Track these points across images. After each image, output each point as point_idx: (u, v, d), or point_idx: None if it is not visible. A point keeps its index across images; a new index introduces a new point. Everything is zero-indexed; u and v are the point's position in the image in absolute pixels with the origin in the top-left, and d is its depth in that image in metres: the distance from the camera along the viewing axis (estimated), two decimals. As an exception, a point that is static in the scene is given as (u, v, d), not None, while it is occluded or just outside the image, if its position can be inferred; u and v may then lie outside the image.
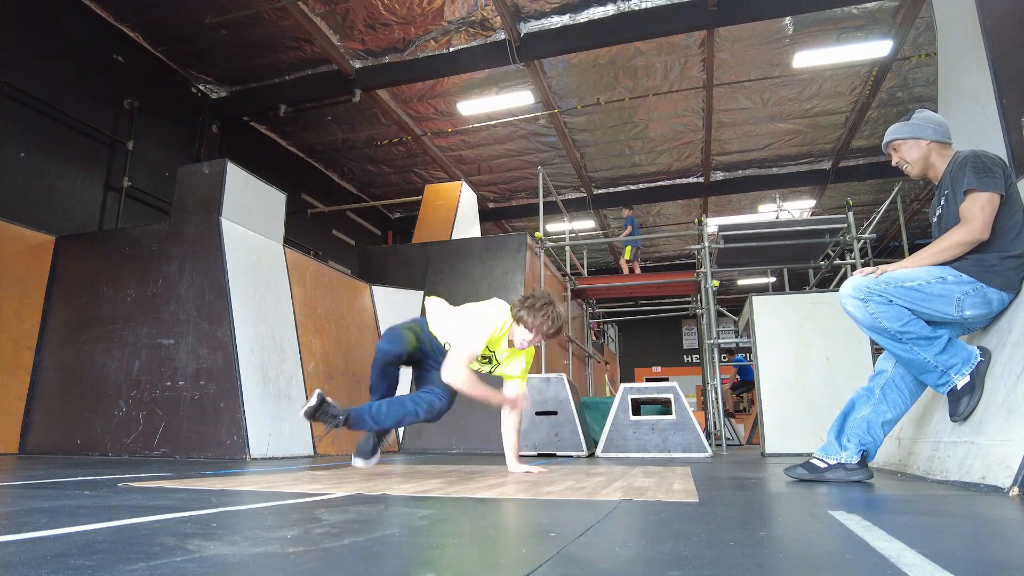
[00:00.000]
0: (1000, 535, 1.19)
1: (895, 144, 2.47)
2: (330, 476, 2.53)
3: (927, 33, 7.34)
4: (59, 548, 0.91)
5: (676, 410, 5.05)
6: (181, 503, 1.50)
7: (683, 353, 18.71)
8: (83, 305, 4.80)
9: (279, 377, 4.58)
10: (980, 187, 2.15)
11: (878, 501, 1.71)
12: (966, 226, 2.17)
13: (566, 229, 11.34)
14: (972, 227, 2.15)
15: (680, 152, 10.46)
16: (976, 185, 2.16)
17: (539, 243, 7.34)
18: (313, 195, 10.69)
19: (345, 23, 7.27)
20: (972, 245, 2.18)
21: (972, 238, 2.16)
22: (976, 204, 2.15)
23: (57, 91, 6.39)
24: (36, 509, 1.37)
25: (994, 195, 2.15)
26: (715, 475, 2.75)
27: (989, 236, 2.17)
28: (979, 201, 2.15)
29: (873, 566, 0.83)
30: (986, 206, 2.15)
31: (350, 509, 1.44)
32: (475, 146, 10.29)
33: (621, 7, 7.01)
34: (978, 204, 2.15)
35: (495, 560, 0.87)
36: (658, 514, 1.39)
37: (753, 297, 5.29)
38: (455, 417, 6.00)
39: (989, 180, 2.16)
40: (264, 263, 4.89)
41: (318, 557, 0.87)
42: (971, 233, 2.16)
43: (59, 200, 6.43)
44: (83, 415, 4.46)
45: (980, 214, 2.14)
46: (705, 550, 0.94)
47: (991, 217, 2.15)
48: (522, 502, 1.63)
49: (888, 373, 2.38)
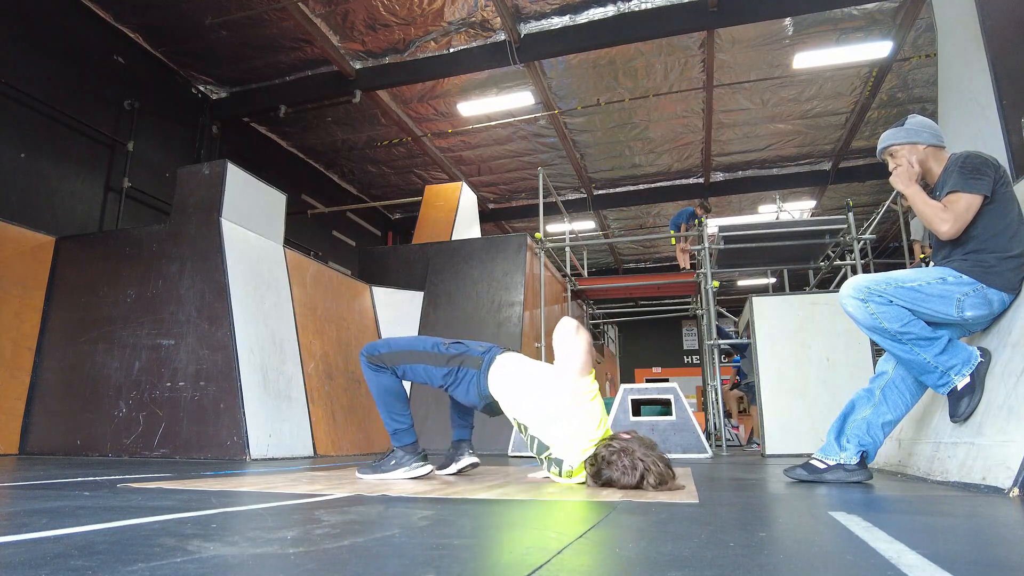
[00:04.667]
0: (1000, 536, 1.19)
1: (891, 150, 2.47)
2: (330, 477, 2.53)
3: (927, 34, 7.34)
4: (59, 549, 0.91)
5: (676, 411, 5.05)
6: (181, 504, 1.50)
7: (683, 354, 18.70)
8: (83, 306, 4.80)
9: (279, 378, 4.58)
10: (964, 188, 2.17)
11: (878, 502, 1.70)
12: (942, 214, 2.19)
13: (566, 230, 11.35)
14: (945, 217, 2.18)
15: (680, 153, 10.46)
16: (960, 187, 2.18)
17: (539, 244, 7.34)
18: (313, 196, 10.69)
19: (345, 24, 7.28)
20: (934, 230, 2.23)
21: (943, 228, 2.19)
22: (958, 203, 2.17)
23: (57, 92, 6.39)
24: (36, 510, 1.37)
25: (975, 197, 2.16)
26: (715, 476, 2.75)
27: (962, 236, 2.20)
28: (961, 201, 2.17)
29: (873, 567, 0.83)
30: (964, 211, 2.17)
31: (350, 510, 1.44)
32: (475, 147, 10.29)
33: (621, 8, 7.01)
34: (960, 204, 2.17)
35: (495, 561, 0.87)
36: (658, 515, 1.39)
37: (753, 298, 5.29)
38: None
39: (975, 182, 2.17)
40: (264, 264, 4.89)
41: (318, 558, 0.87)
42: (943, 223, 2.19)
43: (59, 201, 6.44)
44: (83, 416, 4.46)
45: (953, 212, 2.17)
46: (705, 551, 0.94)
47: (966, 220, 2.18)
48: (522, 503, 1.63)
49: (889, 375, 2.39)
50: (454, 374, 2.44)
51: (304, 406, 4.79)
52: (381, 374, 2.50)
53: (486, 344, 2.53)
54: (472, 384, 2.41)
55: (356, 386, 5.72)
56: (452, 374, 2.44)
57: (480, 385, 2.40)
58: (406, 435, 2.50)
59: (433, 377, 2.47)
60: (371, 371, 2.51)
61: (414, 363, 2.48)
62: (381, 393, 2.51)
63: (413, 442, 2.50)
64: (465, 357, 2.44)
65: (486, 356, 2.43)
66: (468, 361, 2.43)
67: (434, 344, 2.50)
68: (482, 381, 2.39)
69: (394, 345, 2.54)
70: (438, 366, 2.45)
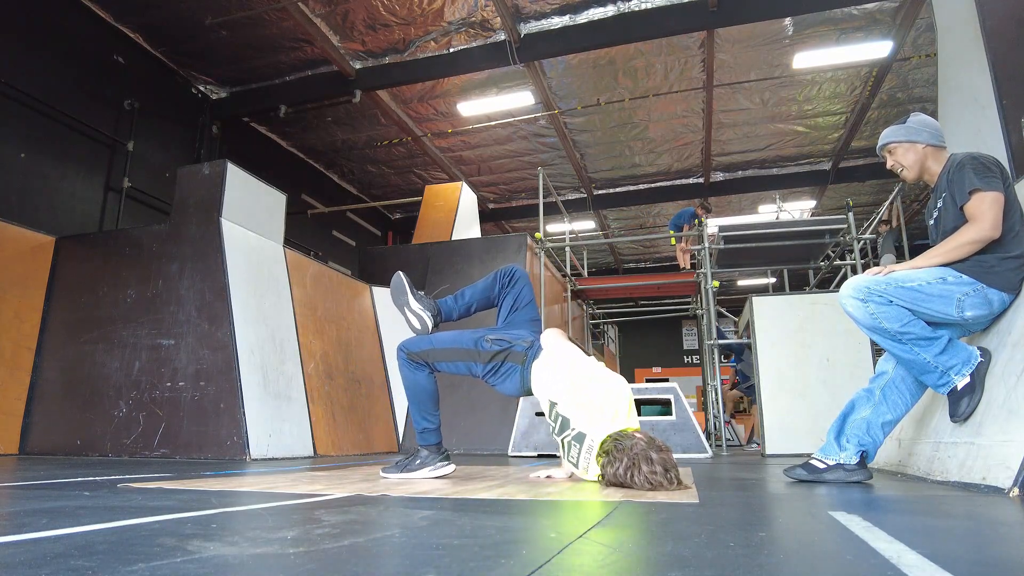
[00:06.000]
0: (1000, 536, 1.19)
1: (890, 147, 2.47)
2: (330, 477, 2.53)
3: (927, 34, 7.34)
4: (59, 549, 0.91)
5: (676, 411, 5.05)
6: (181, 504, 1.50)
7: (683, 354, 18.70)
8: (83, 306, 4.80)
9: (279, 378, 4.58)
10: (984, 187, 2.16)
11: (878, 502, 1.70)
12: (976, 224, 2.17)
13: (566, 230, 11.34)
14: (983, 225, 2.15)
15: (680, 153, 10.46)
16: (980, 185, 2.17)
17: (539, 244, 7.34)
18: (313, 196, 10.69)
19: (345, 24, 7.28)
20: (983, 243, 2.17)
21: (983, 236, 2.16)
22: (984, 203, 2.16)
23: (57, 91, 6.39)
24: (36, 510, 1.37)
25: (999, 194, 2.16)
26: (715, 476, 2.75)
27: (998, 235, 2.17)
28: (986, 200, 2.16)
29: (873, 567, 0.83)
30: (993, 205, 2.15)
31: (350, 510, 1.44)
32: (475, 147, 10.29)
33: (621, 8, 7.01)
34: (985, 203, 2.16)
35: (495, 561, 0.87)
36: (658, 515, 1.39)
37: (753, 298, 5.29)
38: (455, 417, 6.02)
39: (991, 180, 2.18)
40: (264, 264, 4.89)
41: (318, 558, 0.87)
42: (982, 231, 2.16)
43: (59, 201, 6.44)
44: (83, 416, 4.46)
45: (989, 212, 2.15)
46: (705, 551, 0.94)
47: (999, 215, 2.16)
48: (522, 503, 1.63)
49: (889, 375, 2.39)
50: (496, 369, 2.48)
51: (304, 406, 4.79)
52: (419, 372, 2.52)
53: (528, 338, 2.55)
54: (515, 378, 2.47)
55: (356, 386, 5.72)
56: (494, 369, 2.49)
57: (524, 379, 2.45)
58: (433, 435, 2.53)
59: (474, 370, 2.52)
60: (409, 367, 2.53)
61: (456, 360, 2.52)
62: (416, 391, 2.53)
63: (438, 442, 2.54)
64: (509, 352, 2.47)
65: (529, 352, 2.47)
66: (512, 356, 2.47)
67: (476, 341, 2.52)
68: (525, 375, 2.45)
69: (436, 342, 2.55)
70: (480, 363, 2.49)
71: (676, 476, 1.97)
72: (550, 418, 2.34)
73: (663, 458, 1.97)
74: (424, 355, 2.52)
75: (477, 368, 2.50)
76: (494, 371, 2.49)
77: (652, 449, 1.99)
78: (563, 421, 2.26)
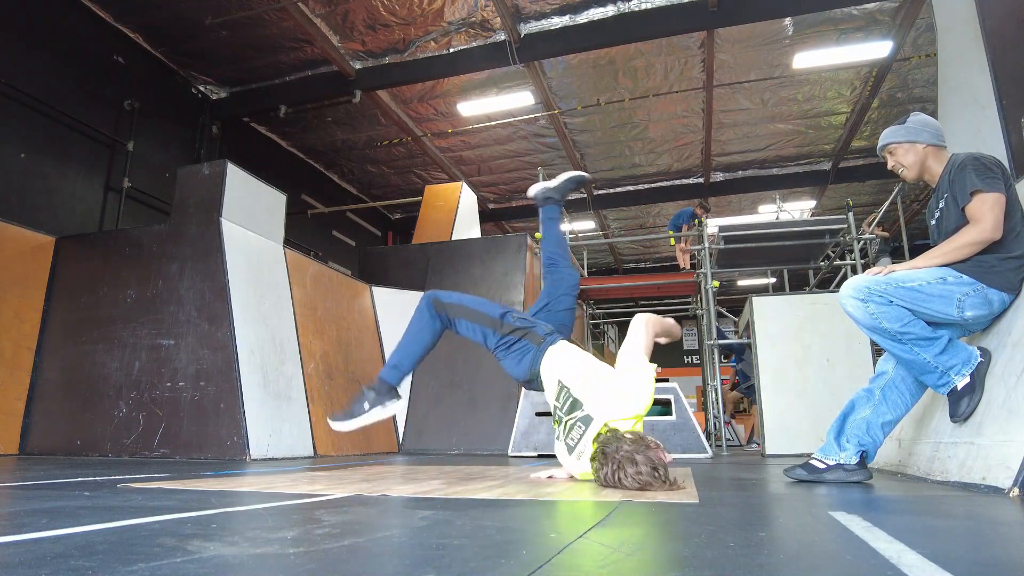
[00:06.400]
0: (1000, 536, 1.19)
1: (891, 147, 2.47)
2: (330, 477, 2.53)
3: (927, 34, 7.34)
4: (59, 549, 0.91)
5: (676, 411, 5.05)
6: (181, 504, 1.50)
7: (683, 354, 18.69)
8: (83, 306, 4.80)
9: (279, 378, 4.58)
10: (986, 188, 2.16)
11: (878, 502, 1.71)
12: (977, 225, 2.17)
13: (566, 230, 11.34)
14: (984, 226, 2.16)
15: (680, 153, 10.46)
16: (982, 186, 2.17)
17: (539, 244, 7.34)
18: (313, 196, 10.69)
19: (345, 24, 7.28)
20: (984, 244, 2.18)
21: (984, 237, 2.16)
22: (985, 204, 2.16)
23: (57, 91, 6.39)
24: (36, 510, 1.37)
25: (1000, 195, 2.16)
26: (715, 476, 2.75)
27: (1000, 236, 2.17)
28: (987, 201, 2.16)
29: (873, 567, 0.83)
30: (995, 206, 2.15)
31: (350, 510, 1.44)
32: (475, 147, 10.29)
33: (621, 8, 7.01)
34: (987, 204, 2.16)
35: (495, 561, 0.87)
36: (658, 515, 1.39)
37: (753, 298, 5.29)
38: (455, 417, 6.02)
39: (992, 181, 2.18)
40: (264, 264, 4.89)
41: (318, 558, 0.87)
42: (983, 232, 2.16)
43: (59, 201, 6.44)
44: (83, 416, 4.46)
45: (990, 213, 2.15)
46: (705, 551, 0.94)
47: (1001, 217, 2.16)
48: (522, 503, 1.63)
49: (889, 375, 2.38)
50: (510, 344, 2.46)
51: (304, 406, 4.79)
52: (434, 322, 2.52)
53: (552, 328, 2.55)
54: (526, 358, 2.44)
55: (356, 386, 5.72)
56: (507, 344, 2.47)
57: (534, 361, 2.43)
58: (397, 376, 2.53)
59: (488, 340, 2.50)
60: (429, 312, 2.52)
61: (476, 323, 2.51)
62: (417, 336, 2.52)
63: (398, 384, 2.54)
64: (529, 332, 2.47)
65: (549, 337, 2.46)
66: (531, 336, 2.46)
67: (502, 314, 2.52)
68: (537, 358, 2.42)
69: (465, 301, 2.55)
70: (498, 333, 2.48)
71: (665, 473, 1.95)
72: (557, 400, 2.32)
73: (649, 457, 1.95)
74: (450, 308, 2.51)
75: (492, 338, 2.49)
76: (507, 345, 2.47)
77: (638, 450, 1.96)
78: (573, 402, 2.25)
